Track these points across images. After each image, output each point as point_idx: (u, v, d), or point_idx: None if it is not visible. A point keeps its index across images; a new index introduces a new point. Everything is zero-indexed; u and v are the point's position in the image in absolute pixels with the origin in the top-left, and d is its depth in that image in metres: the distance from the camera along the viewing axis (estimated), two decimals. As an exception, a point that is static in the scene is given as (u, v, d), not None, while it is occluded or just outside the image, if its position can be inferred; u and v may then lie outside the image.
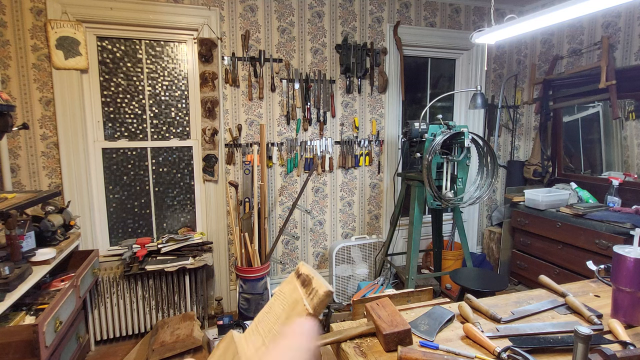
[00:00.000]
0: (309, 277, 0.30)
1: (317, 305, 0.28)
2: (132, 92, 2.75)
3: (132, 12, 2.58)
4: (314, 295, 0.28)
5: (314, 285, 0.29)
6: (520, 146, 3.90)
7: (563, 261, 2.87)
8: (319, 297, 0.28)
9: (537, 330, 1.02)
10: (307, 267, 0.34)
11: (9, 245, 1.70)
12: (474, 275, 2.32)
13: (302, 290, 0.29)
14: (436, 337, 1.01)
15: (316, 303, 0.28)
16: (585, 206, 2.81)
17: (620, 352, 0.83)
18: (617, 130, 3.02)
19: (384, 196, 3.47)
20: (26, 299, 1.88)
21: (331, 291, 0.28)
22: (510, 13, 3.60)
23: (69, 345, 2.11)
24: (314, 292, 0.28)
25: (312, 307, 0.28)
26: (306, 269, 0.31)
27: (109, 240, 2.80)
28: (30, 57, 2.44)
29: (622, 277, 1.03)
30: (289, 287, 0.31)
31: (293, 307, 0.29)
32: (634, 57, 2.85)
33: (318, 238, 3.32)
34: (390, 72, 3.31)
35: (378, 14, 3.24)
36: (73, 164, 2.57)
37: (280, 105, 3.03)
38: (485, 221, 3.97)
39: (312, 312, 0.29)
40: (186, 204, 2.98)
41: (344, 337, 1.00)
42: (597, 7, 1.62)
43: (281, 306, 0.30)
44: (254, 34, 2.90)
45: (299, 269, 0.32)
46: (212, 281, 2.99)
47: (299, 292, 0.29)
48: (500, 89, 3.78)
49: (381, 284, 2.87)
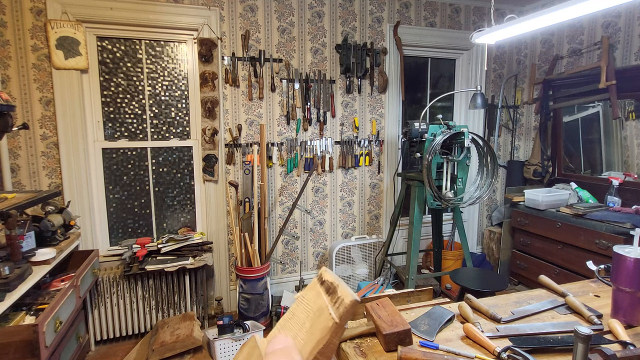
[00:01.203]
0: (333, 284, 0.30)
1: (343, 314, 0.28)
2: (132, 92, 2.75)
3: (132, 12, 2.58)
4: (339, 304, 0.28)
5: (339, 293, 0.28)
6: (520, 146, 3.90)
7: (563, 261, 2.87)
8: (345, 306, 0.28)
9: (537, 330, 1.02)
10: (330, 273, 0.34)
11: (9, 245, 1.70)
12: (474, 275, 2.32)
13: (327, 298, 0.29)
14: (436, 337, 1.01)
15: (342, 312, 0.28)
16: (585, 206, 2.81)
17: (620, 352, 0.83)
18: (617, 130, 3.02)
19: (384, 196, 3.47)
20: (26, 299, 1.88)
21: (358, 300, 0.27)
22: (510, 13, 3.60)
23: (69, 345, 2.11)
24: (340, 301, 0.28)
25: (339, 316, 0.28)
26: (330, 276, 0.31)
27: (109, 240, 2.80)
28: (30, 57, 2.44)
29: (622, 277, 1.03)
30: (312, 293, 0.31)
31: (318, 315, 0.28)
32: (634, 57, 2.85)
33: (318, 238, 3.32)
34: (390, 72, 3.31)
35: (378, 14, 3.24)
36: (73, 164, 2.57)
37: (280, 105, 3.03)
38: (485, 221, 3.97)
39: (339, 322, 0.28)
40: (186, 204, 2.98)
41: (344, 337, 1.00)
42: (597, 7, 1.61)
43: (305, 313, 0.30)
44: (254, 34, 2.90)
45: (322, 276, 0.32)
46: (212, 281, 2.99)
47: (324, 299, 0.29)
48: (500, 89, 3.78)
49: (381, 284, 2.87)
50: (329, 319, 0.28)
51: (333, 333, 0.27)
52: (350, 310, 0.28)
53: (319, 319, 0.29)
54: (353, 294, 0.30)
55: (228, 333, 2.35)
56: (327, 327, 0.28)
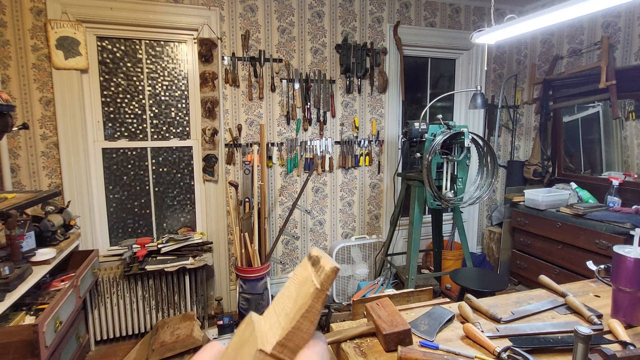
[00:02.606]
0: (317, 257, 0.34)
1: (324, 280, 0.31)
2: (132, 92, 2.75)
3: (132, 12, 2.58)
4: (321, 272, 0.31)
5: (321, 263, 0.32)
6: (520, 146, 3.90)
7: (563, 261, 2.87)
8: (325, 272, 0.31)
9: (537, 330, 1.02)
10: (318, 250, 0.38)
11: (9, 245, 1.70)
12: (474, 275, 2.32)
13: (312, 269, 0.32)
14: (436, 337, 1.01)
15: (323, 279, 0.31)
16: (585, 206, 2.81)
17: (620, 352, 0.83)
18: (617, 130, 3.02)
19: (384, 196, 3.47)
20: (26, 299, 1.88)
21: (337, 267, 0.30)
22: (510, 13, 3.59)
23: (69, 345, 2.11)
24: (321, 269, 0.32)
25: (320, 283, 0.31)
26: (316, 252, 0.35)
27: (109, 240, 2.80)
28: (30, 57, 2.44)
29: (622, 277, 1.03)
30: (301, 269, 0.35)
31: (303, 285, 0.32)
32: (634, 57, 2.85)
33: (318, 238, 3.32)
34: (390, 72, 3.31)
35: (378, 14, 3.24)
36: (73, 164, 2.57)
37: (280, 105, 3.03)
38: (485, 221, 3.97)
39: (320, 287, 0.31)
40: (186, 204, 2.98)
41: (344, 337, 1.00)
42: (597, 7, 1.62)
43: (294, 286, 0.34)
44: (254, 34, 2.90)
45: (311, 253, 0.35)
46: (212, 281, 2.99)
47: (309, 270, 0.33)
48: (500, 89, 3.78)
49: (381, 284, 2.87)
50: (311, 286, 0.31)
51: (315, 298, 0.31)
52: (330, 276, 0.32)
53: (304, 287, 0.32)
54: (334, 262, 0.33)
55: (228, 333, 2.35)
56: (309, 293, 0.32)
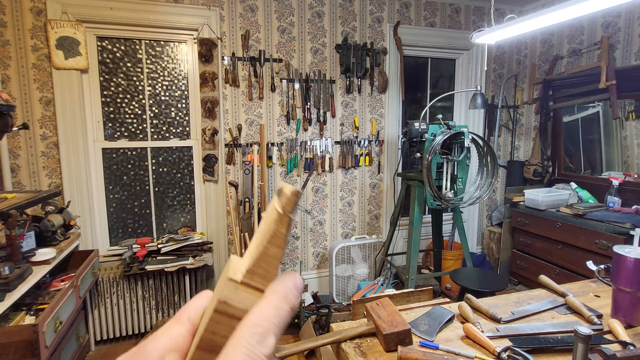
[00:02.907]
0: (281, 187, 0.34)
1: (284, 204, 0.31)
2: (132, 92, 2.75)
3: (132, 12, 2.58)
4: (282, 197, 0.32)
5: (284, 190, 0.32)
6: (520, 146, 3.90)
7: (563, 261, 2.87)
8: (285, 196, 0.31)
9: (537, 330, 1.02)
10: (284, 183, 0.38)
11: (9, 245, 1.70)
12: (474, 275, 2.32)
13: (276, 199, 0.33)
14: (436, 337, 1.01)
15: (284, 202, 0.31)
16: (585, 206, 2.81)
17: (620, 352, 0.83)
18: (617, 130, 3.02)
19: (384, 196, 3.47)
20: (26, 299, 1.88)
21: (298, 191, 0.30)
22: (510, 13, 3.59)
23: (69, 345, 2.11)
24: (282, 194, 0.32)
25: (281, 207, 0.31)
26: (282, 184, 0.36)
27: (109, 240, 2.80)
28: (30, 57, 2.44)
29: (622, 277, 1.03)
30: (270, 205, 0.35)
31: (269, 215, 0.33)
32: (634, 57, 2.85)
33: (318, 238, 3.32)
34: (390, 72, 3.31)
35: (378, 14, 3.24)
36: (73, 164, 2.57)
37: (280, 105, 3.03)
38: (485, 221, 3.97)
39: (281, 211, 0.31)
40: (186, 204, 2.98)
41: (343, 337, 1.00)
42: (597, 7, 1.62)
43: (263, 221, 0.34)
44: (254, 34, 2.90)
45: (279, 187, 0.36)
46: (212, 281, 2.99)
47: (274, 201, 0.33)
48: (500, 89, 3.78)
49: (381, 284, 2.86)
50: (274, 212, 0.31)
51: (277, 222, 0.31)
52: (290, 198, 0.32)
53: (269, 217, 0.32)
54: (295, 187, 0.33)
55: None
56: (272, 218, 0.32)
